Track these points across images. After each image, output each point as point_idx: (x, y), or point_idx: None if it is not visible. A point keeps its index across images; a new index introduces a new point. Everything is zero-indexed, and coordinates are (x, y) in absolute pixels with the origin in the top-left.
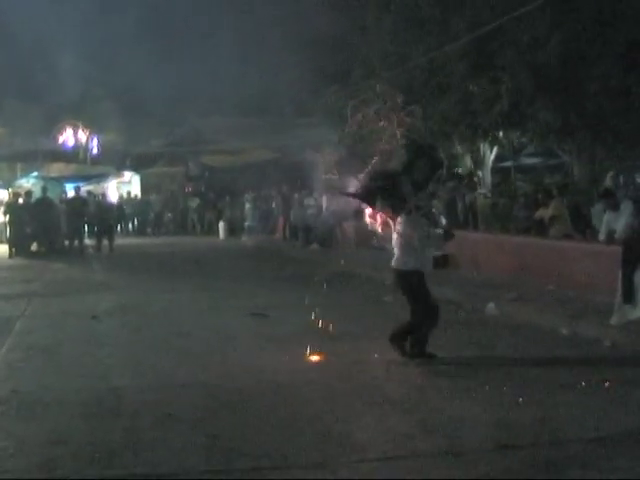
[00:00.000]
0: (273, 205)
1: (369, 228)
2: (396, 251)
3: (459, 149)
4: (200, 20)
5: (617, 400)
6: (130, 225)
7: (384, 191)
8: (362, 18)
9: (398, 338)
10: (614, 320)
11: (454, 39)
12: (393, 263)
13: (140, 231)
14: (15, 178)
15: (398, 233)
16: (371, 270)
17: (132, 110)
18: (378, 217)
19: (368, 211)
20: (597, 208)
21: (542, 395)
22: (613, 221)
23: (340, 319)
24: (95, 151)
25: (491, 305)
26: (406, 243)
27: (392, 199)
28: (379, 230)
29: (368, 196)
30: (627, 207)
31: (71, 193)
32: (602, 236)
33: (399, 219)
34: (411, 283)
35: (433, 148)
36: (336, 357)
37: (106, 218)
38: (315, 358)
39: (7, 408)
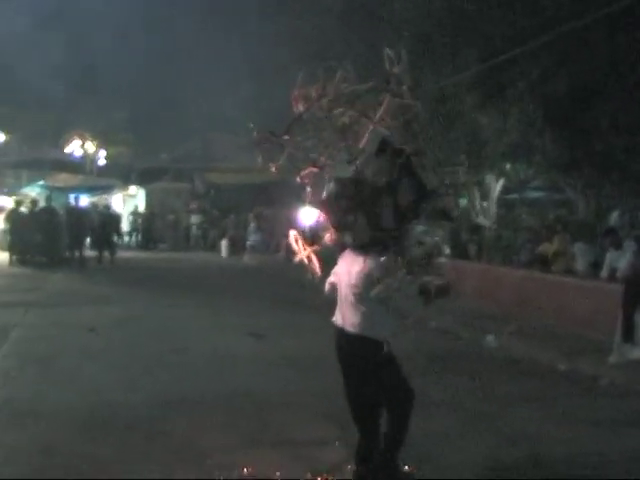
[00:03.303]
0: (277, 225)
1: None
2: (354, 307)
3: (462, 179)
4: (212, 37)
5: (613, 439)
6: (133, 239)
7: (366, 209)
8: (378, 43)
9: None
10: (613, 358)
11: (465, 69)
12: (349, 326)
13: (143, 245)
14: (20, 186)
15: (364, 279)
16: None
17: (141, 124)
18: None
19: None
20: (578, 246)
21: (536, 431)
22: (615, 259)
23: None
24: (102, 163)
25: (490, 337)
26: (373, 296)
27: (369, 224)
28: (306, 262)
29: (342, 212)
30: (630, 246)
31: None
32: (604, 274)
33: (368, 259)
34: (380, 359)
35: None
36: (330, 381)
37: (108, 230)
38: (310, 381)
39: None
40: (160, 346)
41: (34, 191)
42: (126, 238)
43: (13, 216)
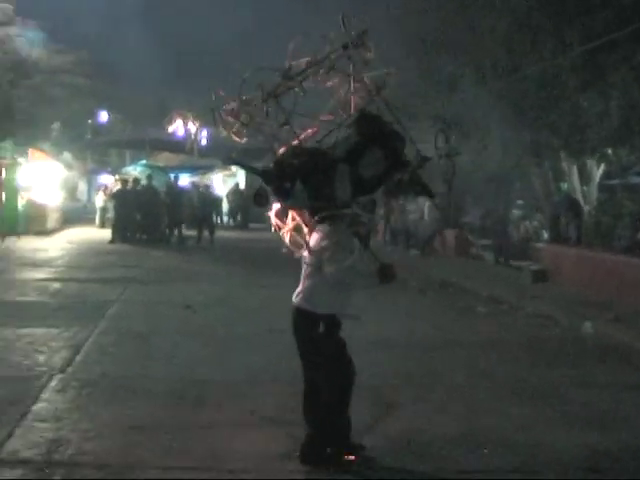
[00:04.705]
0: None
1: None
2: (304, 280)
3: (565, 165)
4: (310, 14)
5: None
6: (232, 218)
7: (306, 177)
8: (477, 24)
9: (321, 441)
10: None
11: (567, 51)
12: (295, 298)
13: (242, 225)
14: (124, 165)
15: (310, 252)
16: (467, 280)
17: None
18: (289, 217)
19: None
20: None
21: (631, 420)
22: None
23: (430, 327)
24: (204, 143)
25: (587, 324)
26: (318, 269)
27: (315, 193)
28: (285, 237)
29: (280, 178)
30: None
31: (181, 182)
32: None
33: (317, 230)
34: (316, 334)
35: (398, 138)
36: (416, 365)
37: (208, 210)
38: (396, 364)
39: (94, 390)
40: (256, 326)
41: (136, 170)
42: (225, 218)
43: (119, 194)
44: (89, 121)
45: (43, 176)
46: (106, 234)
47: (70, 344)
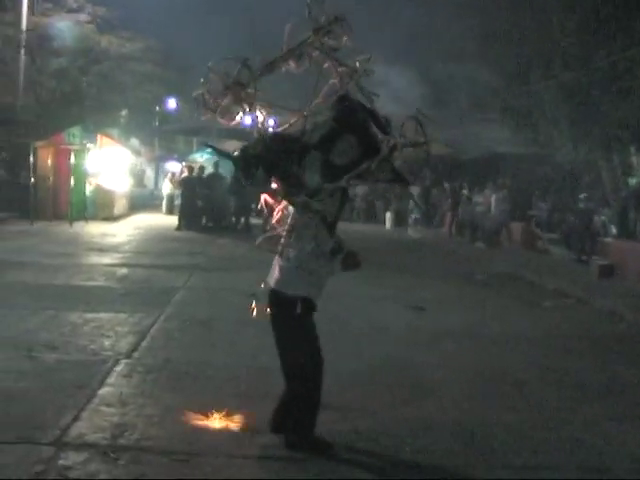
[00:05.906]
0: (443, 200)
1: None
2: (276, 262)
3: (634, 159)
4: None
5: None
6: None
7: (270, 163)
8: (546, 17)
9: (285, 422)
10: None
11: (638, 43)
12: (270, 279)
13: None
14: (190, 152)
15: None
16: (533, 274)
17: (305, 92)
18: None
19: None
20: None
21: None
22: None
23: (496, 321)
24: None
25: None
26: (290, 251)
27: (282, 180)
28: (274, 223)
29: (246, 164)
30: None
31: None
32: None
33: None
34: (292, 317)
35: (378, 121)
36: (481, 359)
37: None
38: (461, 357)
39: (158, 376)
40: (319, 316)
41: (203, 157)
42: None
43: (186, 182)
44: (157, 108)
45: (111, 162)
46: (173, 221)
47: (136, 329)
